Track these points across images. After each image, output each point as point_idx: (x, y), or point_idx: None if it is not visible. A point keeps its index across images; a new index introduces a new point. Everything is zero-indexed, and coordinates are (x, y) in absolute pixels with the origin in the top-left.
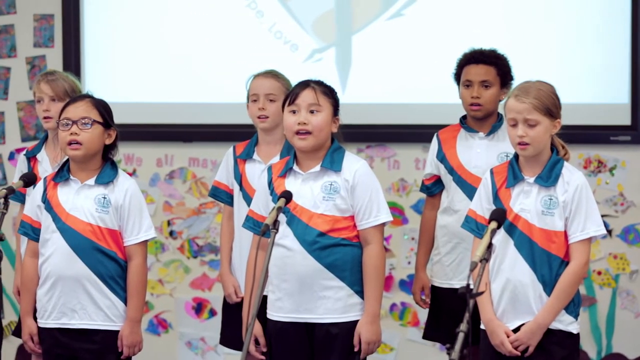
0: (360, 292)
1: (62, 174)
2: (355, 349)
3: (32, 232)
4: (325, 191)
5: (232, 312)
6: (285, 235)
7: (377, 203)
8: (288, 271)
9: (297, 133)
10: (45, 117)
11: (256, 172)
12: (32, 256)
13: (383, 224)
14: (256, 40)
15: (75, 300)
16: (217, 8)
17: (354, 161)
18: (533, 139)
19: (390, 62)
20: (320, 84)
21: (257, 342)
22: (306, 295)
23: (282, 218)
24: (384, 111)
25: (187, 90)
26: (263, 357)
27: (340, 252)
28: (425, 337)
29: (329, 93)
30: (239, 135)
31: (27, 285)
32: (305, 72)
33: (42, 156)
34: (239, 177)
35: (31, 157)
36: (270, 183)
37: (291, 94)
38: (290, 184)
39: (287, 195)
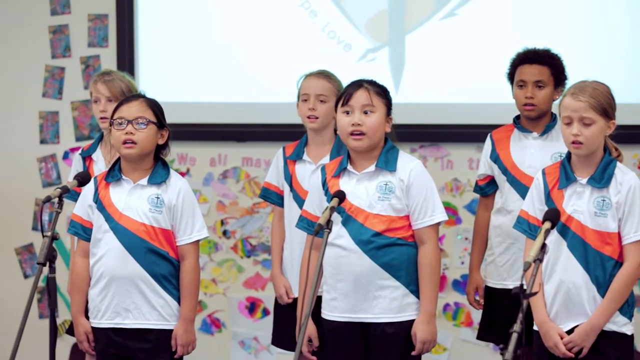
0: (415, 292)
1: (114, 173)
2: (414, 350)
3: (82, 231)
4: (380, 191)
5: (283, 312)
6: (340, 235)
7: (432, 202)
8: (343, 271)
9: (352, 134)
10: (102, 118)
11: (306, 172)
12: (82, 256)
13: (438, 224)
14: (310, 40)
15: (129, 300)
16: (271, 8)
17: (408, 161)
18: (587, 138)
19: (444, 61)
20: (373, 84)
21: (310, 342)
22: (361, 295)
23: (338, 218)
24: (437, 111)
25: (241, 90)
26: (314, 358)
27: (396, 251)
28: (479, 337)
29: (382, 93)
30: (293, 135)
31: (78, 285)
32: (358, 72)
33: (98, 156)
34: (289, 178)
35: (86, 156)
36: (324, 183)
37: (345, 95)
38: (345, 184)
39: (340, 195)
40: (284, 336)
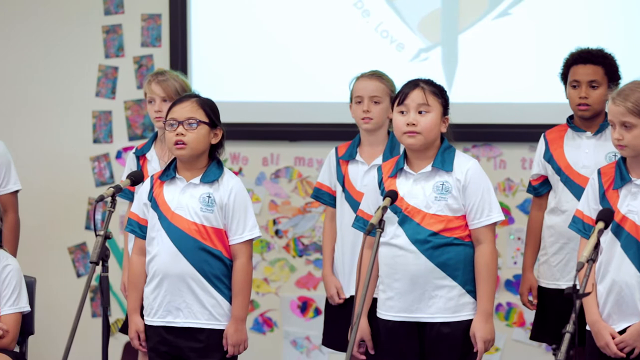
0: (472, 292)
1: (169, 172)
2: (475, 349)
3: (139, 229)
4: (437, 191)
5: (334, 313)
6: (397, 235)
7: (489, 202)
8: (399, 270)
9: (406, 133)
10: (156, 118)
11: (359, 172)
12: (139, 254)
13: (495, 223)
14: (362, 40)
15: (181, 299)
16: (324, 7)
17: (465, 160)
18: (629, 142)
19: (497, 61)
20: (429, 83)
21: (362, 343)
22: (417, 294)
23: (394, 218)
24: (490, 111)
25: (293, 90)
26: (364, 358)
27: (453, 251)
28: (532, 337)
29: (438, 93)
30: (345, 135)
31: (134, 283)
32: (411, 71)
33: (152, 155)
34: (342, 178)
35: (140, 155)
36: (380, 183)
37: (400, 94)
38: (402, 184)
39: (392, 195)
40: (334, 336)
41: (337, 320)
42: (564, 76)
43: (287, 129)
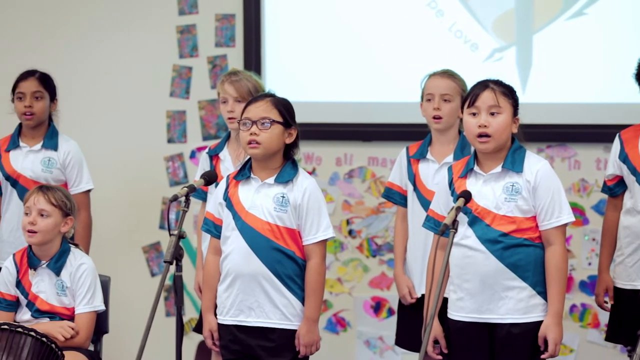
0: (542, 293)
1: (244, 172)
2: (542, 349)
3: (214, 229)
4: (507, 192)
5: (407, 312)
6: (467, 236)
7: (559, 203)
8: (470, 271)
9: (478, 136)
10: (229, 118)
11: (430, 171)
12: (214, 253)
13: (565, 225)
14: (436, 40)
15: (253, 299)
16: (397, 7)
17: (535, 161)
18: None
19: (572, 61)
20: (499, 84)
21: (435, 343)
22: (488, 295)
23: (464, 219)
24: (564, 111)
25: (367, 89)
26: (440, 358)
27: (523, 252)
28: (607, 339)
29: (509, 93)
30: (418, 135)
31: (208, 282)
32: (484, 71)
33: (225, 155)
34: (413, 177)
35: (213, 155)
36: (450, 183)
37: (471, 95)
38: (472, 184)
39: (466, 195)
40: (407, 336)
41: (410, 320)
42: (639, 77)
43: (360, 128)
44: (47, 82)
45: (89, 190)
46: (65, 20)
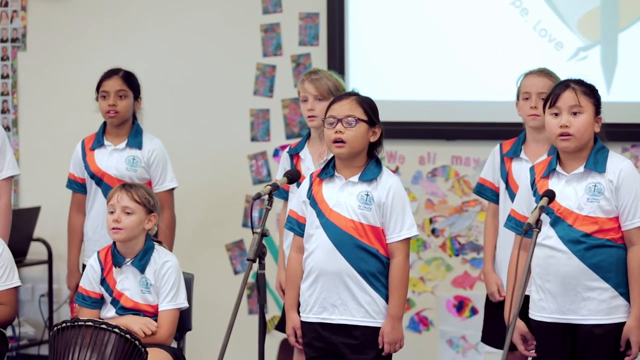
0: (624, 294)
1: (328, 170)
2: (629, 353)
3: (297, 227)
4: (589, 193)
5: (494, 310)
6: (549, 236)
7: None
8: (551, 271)
9: (560, 135)
10: (310, 116)
11: (523, 170)
12: (297, 251)
13: None
14: (520, 38)
15: (336, 296)
16: (481, 5)
17: (618, 161)
18: None
19: None
20: (580, 83)
21: (524, 340)
22: (570, 295)
23: (546, 219)
24: None
25: (450, 88)
26: (533, 354)
27: (605, 253)
28: None
29: (590, 93)
30: (502, 134)
31: (291, 280)
32: (569, 71)
33: (305, 153)
34: (505, 175)
35: (294, 154)
36: (532, 183)
37: (552, 96)
38: (554, 185)
39: (550, 195)
40: (494, 334)
41: (497, 318)
42: None
43: (444, 127)
44: (130, 81)
45: (173, 189)
46: (150, 20)
